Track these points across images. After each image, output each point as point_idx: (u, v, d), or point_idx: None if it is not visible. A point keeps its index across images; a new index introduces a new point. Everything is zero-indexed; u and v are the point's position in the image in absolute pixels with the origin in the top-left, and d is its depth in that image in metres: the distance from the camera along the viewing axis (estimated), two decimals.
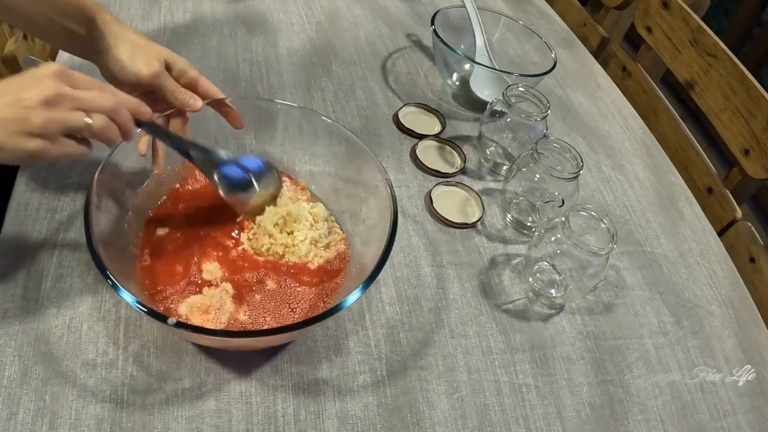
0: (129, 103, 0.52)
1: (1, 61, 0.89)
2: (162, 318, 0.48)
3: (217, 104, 0.65)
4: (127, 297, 0.48)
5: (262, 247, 0.63)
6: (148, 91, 0.62)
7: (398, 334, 0.65)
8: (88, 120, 0.48)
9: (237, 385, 0.58)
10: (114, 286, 0.48)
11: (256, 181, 0.63)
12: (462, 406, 0.61)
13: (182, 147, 0.60)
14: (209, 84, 0.65)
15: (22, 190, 0.68)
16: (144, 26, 0.97)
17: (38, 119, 0.45)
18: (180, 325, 0.49)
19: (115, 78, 0.61)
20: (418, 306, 0.68)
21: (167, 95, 0.61)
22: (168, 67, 0.62)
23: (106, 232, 0.55)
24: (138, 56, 0.59)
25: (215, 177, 0.61)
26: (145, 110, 0.54)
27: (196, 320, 0.57)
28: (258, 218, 0.64)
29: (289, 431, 0.55)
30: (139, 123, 0.53)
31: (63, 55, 0.84)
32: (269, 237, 0.63)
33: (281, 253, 0.63)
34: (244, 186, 0.63)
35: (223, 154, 0.62)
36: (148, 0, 1.02)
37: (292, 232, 0.64)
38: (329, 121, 0.67)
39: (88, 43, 0.60)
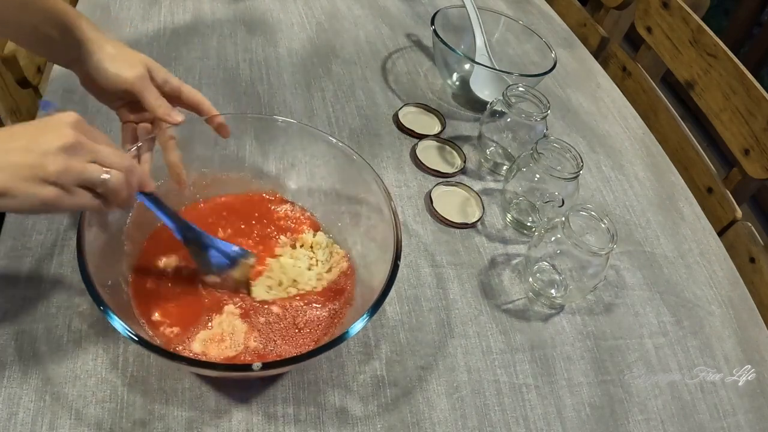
0: (137, 168, 0.51)
1: (1, 61, 0.89)
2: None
3: (209, 119, 0.64)
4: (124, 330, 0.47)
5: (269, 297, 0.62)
6: (129, 100, 0.60)
7: (398, 334, 0.65)
8: (106, 175, 0.47)
9: (237, 384, 0.58)
10: (114, 320, 0.48)
11: (234, 264, 0.61)
12: (462, 406, 0.61)
13: (176, 223, 0.58)
14: (193, 91, 0.63)
15: None
16: (144, 26, 0.97)
17: (55, 166, 0.43)
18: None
19: (96, 84, 0.60)
20: (418, 306, 0.68)
21: (150, 104, 0.59)
22: (150, 75, 0.60)
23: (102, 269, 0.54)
24: (120, 60, 0.58)
25: (199, 258, 0.60)
26: (150, 181, 0.54)
27: (214, 352, 0.56)
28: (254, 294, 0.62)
29: (289, 431, 0.55)
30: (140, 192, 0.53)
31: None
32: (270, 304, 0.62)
33: (289, 294, 0.63)
34: (222, 268, 0.61)
35: (209, 238, 0.60)
36: (148, 0, 1.02)
37: (294, 280, 0.63)
38: (333, 140, 0.67)
39: (67, 51, 0.59)
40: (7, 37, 0.67)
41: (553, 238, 0.68)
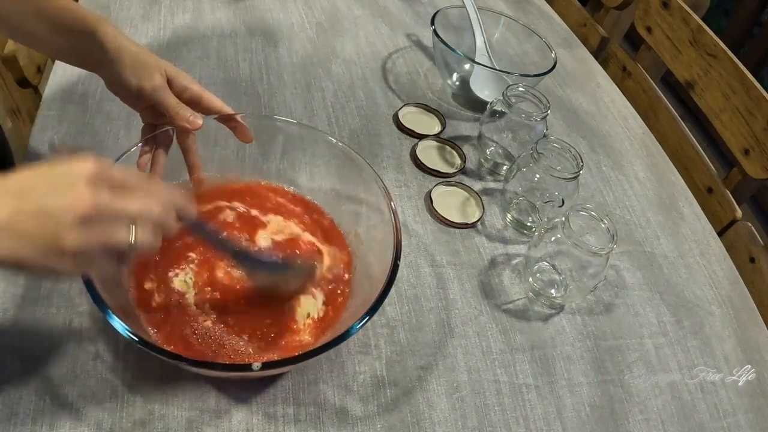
0: (175, 202, 0.46)
1: (1, 61, 0.89)
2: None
3: (224, 119, 0.64)
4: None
5: None
6: (151, 104, 0.61)
7: (398, 334, 0.65)
8: (132, 240, 0.41)
9: (237, 385, 0.58)
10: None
11: (282, 272, 0.61)
12: (462, 406, 0.61)
13: (223, 245, 0.57)
14: (213, 98, 0.63)
15: None
16: (144, 26, 0.97)
17: (73, 240, 0.38)
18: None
19: (118, 90, 0.61)
20: (418, 306, 0.68)
21: (168, 111, 0.60)
22: (170, 82, 0.61)
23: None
24: (139, 70, 0.59)
25: (248, 270, 0.60)
26: (191, 210, 0.48)
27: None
28: None
29: (289, 431, 0.55)
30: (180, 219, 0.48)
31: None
32: None
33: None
34: (271, 274, 0.60)
35: (256, 252, 0.60)
36: (148, 0, 1.02)
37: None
38: (333, 140, 0.67)
39: (89, 56, 0.59)
40: (28, 45, 0.68)
41: (553, 238, 0.68)
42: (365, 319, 0.52)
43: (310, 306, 0.61)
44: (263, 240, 0.65)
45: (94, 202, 0.39)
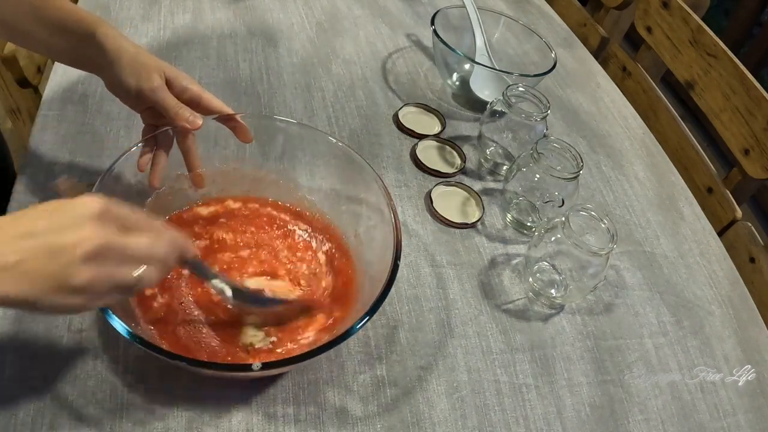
0: (178, 242, 0.47)
1: (1, 61, 0.89)
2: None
3: (224, 119, 0.64)
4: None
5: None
6: (151, 105, 0.61)
7: (398, 334, 0.65)
8: (138, 277, 0.42)
9: (237, 385, 0.58)
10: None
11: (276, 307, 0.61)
12: (462, 406, 0.61)
13: (218, 281, 0.57)
14: (213, 98, 0.63)
15: (22, 190, 0.68)
16: (144, 26, 0.97)
17: (81, 278, 0.39)
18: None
19: (117, 92, 0.61)
20: (418, 306, 0.68)
21: (168, 111, 0.60)
22: (169, 83, 0.60)
23: None
24: (138, 71, 0.58)
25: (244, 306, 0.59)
26: (191, 249, 0.49)
27: None
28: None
29: (289, 431, 0.55)
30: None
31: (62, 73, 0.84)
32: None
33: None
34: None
35: (252, 292, 0.60)
36: (148, 0, 1.02)
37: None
38: (333, 140, 0.67)
39: (88, 58, 0.59)
40: (27, 47, 0.68)
41: (553, 238, 0.68)
42: (365, 319, 0.52)
43: (254, 338, 0.59)
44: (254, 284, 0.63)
45: (102, 239, 0.39)
